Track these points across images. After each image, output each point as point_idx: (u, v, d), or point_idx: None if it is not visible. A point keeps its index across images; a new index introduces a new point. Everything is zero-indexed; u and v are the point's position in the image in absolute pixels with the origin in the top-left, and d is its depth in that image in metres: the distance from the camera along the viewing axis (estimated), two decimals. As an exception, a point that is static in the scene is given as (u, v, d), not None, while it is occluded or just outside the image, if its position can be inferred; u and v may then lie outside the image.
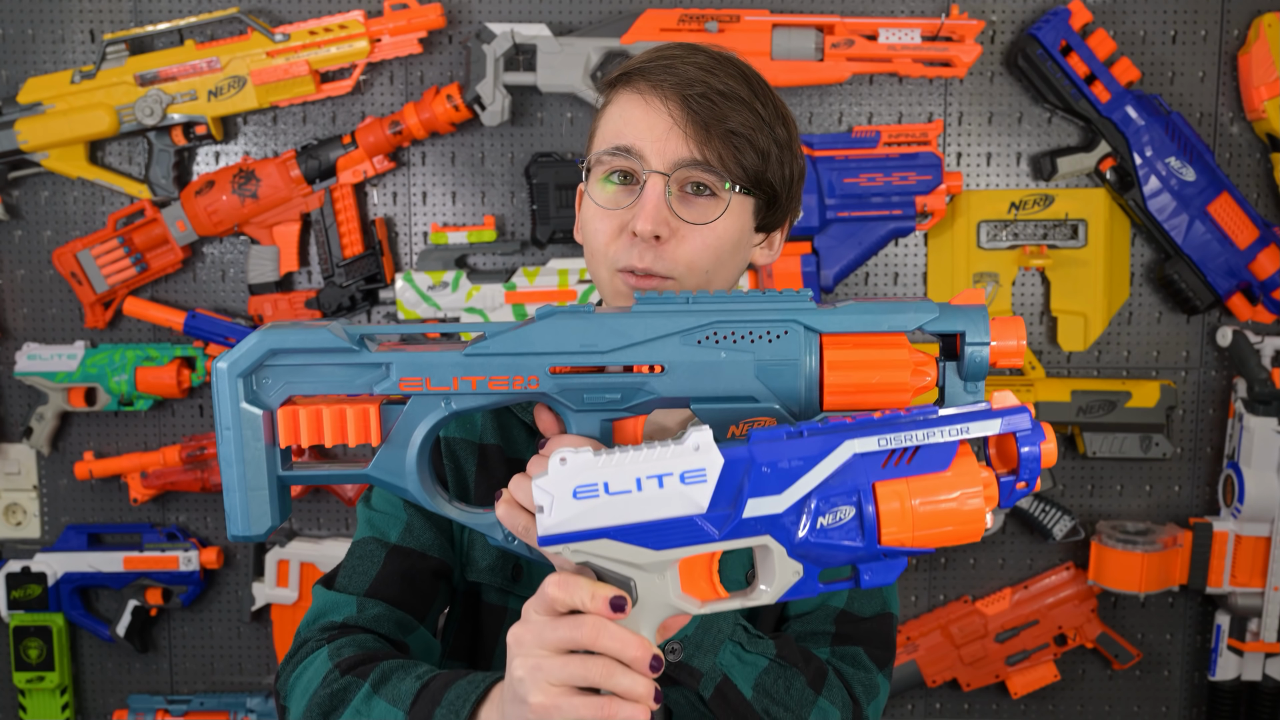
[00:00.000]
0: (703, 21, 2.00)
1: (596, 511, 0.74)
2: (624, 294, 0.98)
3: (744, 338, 0.81)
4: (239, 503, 0.84)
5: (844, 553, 0.75)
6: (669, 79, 0.97)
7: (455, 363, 0.83)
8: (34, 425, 2.13)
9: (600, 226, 0.98)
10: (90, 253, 2.07)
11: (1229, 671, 2.15)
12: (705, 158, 0.96)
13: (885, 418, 0.75)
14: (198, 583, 2.16)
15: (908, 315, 0.81)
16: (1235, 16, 2.09)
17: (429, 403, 0.84)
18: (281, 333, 0.83)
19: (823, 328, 0.81)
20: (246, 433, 0.83)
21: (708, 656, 0.92)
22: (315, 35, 2.00)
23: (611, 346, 0.82)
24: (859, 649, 1.05)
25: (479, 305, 2.07)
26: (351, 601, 1.03)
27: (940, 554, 2.21)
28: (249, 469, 0.84)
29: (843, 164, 2.03)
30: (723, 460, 0.74)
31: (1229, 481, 2.10)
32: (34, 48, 2.10)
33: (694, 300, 0.82)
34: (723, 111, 0.96)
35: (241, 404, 0.83)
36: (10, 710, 2.24)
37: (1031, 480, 0.76)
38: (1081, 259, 2.11)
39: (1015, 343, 0.81)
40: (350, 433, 0.84)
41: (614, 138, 0.98)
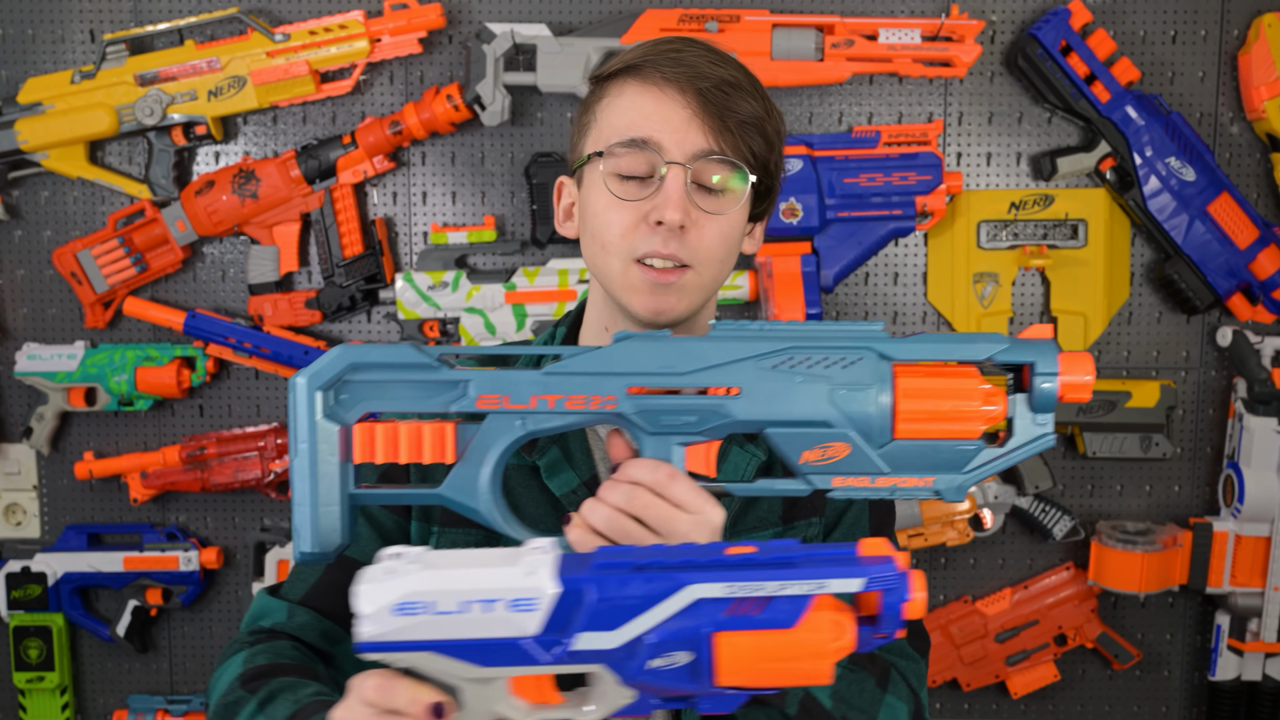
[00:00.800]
0: (703, 21, 2.00)
1: (420, 627, 0.70)
2: (638, 288, 0.99)
3: (819, 363, 0.83)
4: (309, 519, 0.83)
5: (678, 690, 0.72)
6: (681, 71, 0.98)
7: (534, 381, 0.83)
8: (34, 425, 2.13)
9: (615, 218, 0.99)
10: (90, 253, 2.07)
11: (1229, 671, 2.15)
12: (722, 148, 0.98)
13: (741, 559, 0.71)
14: (198, 583, 2.16)
15: (979, 346, 0.83)
16: (1235, 16, 2.09)
17: (505, 422, 0.84)
18: (361, 348, 0.84)
19: (896, 356, 0.83)
20: (323, 447, 0.82)
21: None
22: (315, 35, 2.00)
23: (689, 369, 0.83)
24: (901, 641, 1.08)
25: (479, 305, 2.07)
26: (283, 608, 1.04)
27: (940, 554, 2.22)
28: (322, 485, 0.83)
29: (843, 164, 2.03)
30: (555, 591, 0.70)
31: (1229, 481, 2.10)
32: (34, 48, 2.10)
33: (768, 328, 0.83)
34: (734, 101, 0.98)
35: (319, 419, 0.82)
36: (10, 710, 2.24)
37: (892, 633, 0.71)
38: (1081, 259, 2.11)
39: (1086, 377, 0.82)
40: (426, 450, 0.84)
41: (627, 130, 0.98)
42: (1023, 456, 0.85)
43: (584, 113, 1.05)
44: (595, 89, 1.05)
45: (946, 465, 0.84)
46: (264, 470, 2.12)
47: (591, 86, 1.06)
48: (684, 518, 0.83)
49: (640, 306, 1.00)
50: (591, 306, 1.11)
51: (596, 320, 1.09)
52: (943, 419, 0.82)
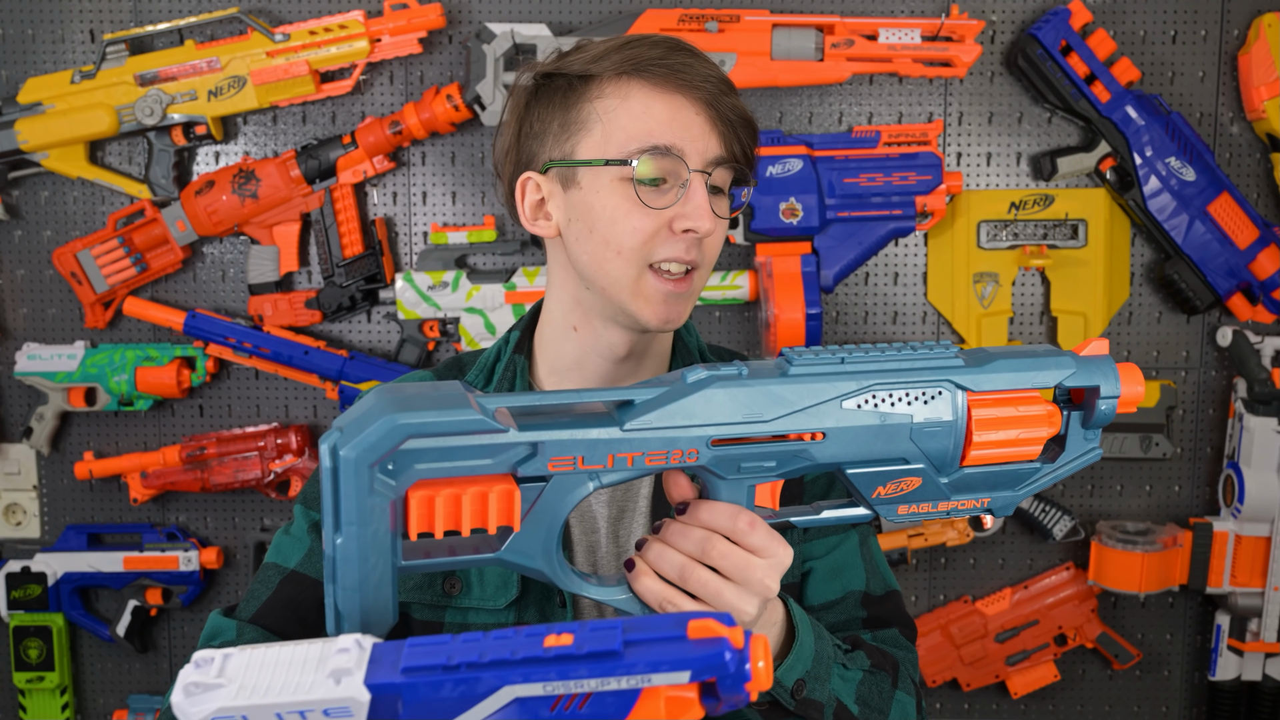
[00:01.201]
0: (703, 21, 2.00)
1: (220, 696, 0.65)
2: (652, 298, 0.99)
3: (901, 399, 0.81)
4: (358, 604, 0.73)
5: None
6: (690, 76, 0.98)
7: (612, 440, 0.77)
8: (34, 425, 2.13)
9: (640, 225, 0.98)
10: (90, 253, 2.07)
11: (1229, 671, 2.15)
12: (734, 155, 1.00)
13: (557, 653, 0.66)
14: (198, 583, 2.16)
15: (1050, 373, 0.83)
16: (1235, 16, 2.09)
17: (576, 479, 0.77)
18: (418, 416, 0.72)
19: (973, 386, 0.82)
20: (374, 527, 0.72)
21: (824, 686, 0.93)
22: (315, 35, 2.00)
23: (775, 415, 0.79)
24: (894, 631, 1.09)
25: (479, 305, 2.07)
26: (233, 627, 1.03)
27: (940, 554, 2.22)
28: (374, 566, 0.73)
29: (843, 164, 2.03)
30: (369, 697, 0.65)
31: (1229, 481, 2.10)
32: (34, 48, 2.10)
33: (849, 360, 0.81)
34: (733, 103, 1.00)
35: (371, 497, 0.72)
36: (10, 710, 2.24)
37: (735, 700, 0.68)
38: (1081, 259, 2.11)
39: (1139, 390, 0.84)
40: (491, 517, 0.76)
41: (648, 136, 0.97)
42: (1071, 471, 0.86)
43: (568, 109, 1.00)
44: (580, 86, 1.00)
45: (1004, 485, 0.85)
46: (264, 470, 2.12)
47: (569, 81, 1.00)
48: (759, 564, 0.81)
49: (652, 316, 1.00)
50: (556, 305, 1.08)
51: (563, 319, 1.07)
52: (1010, 445, 0.83)
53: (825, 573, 1.09)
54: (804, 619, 0.93)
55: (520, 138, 1.04)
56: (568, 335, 1.07)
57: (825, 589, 1.09)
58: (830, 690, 0.94)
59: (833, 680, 0.94)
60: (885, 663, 1.02)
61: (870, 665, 0.99)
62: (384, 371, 2.08)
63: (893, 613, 1.10)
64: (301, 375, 2.10)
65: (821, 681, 0.93)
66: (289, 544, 1.07)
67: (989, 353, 0.84)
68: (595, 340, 1.05)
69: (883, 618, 1.09)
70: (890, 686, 1.00)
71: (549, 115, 1.02)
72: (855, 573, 1.10)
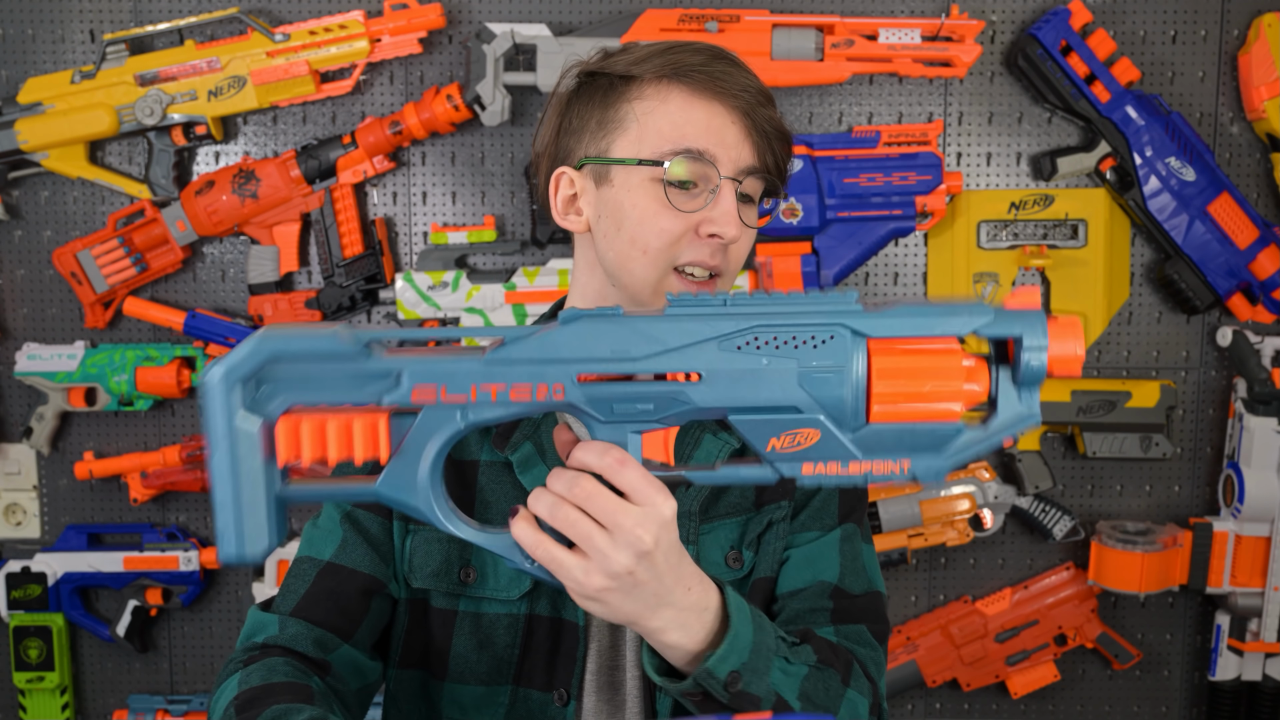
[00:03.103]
0: (703, 21, 2.00)
1: None
2: None
3: (787, 343, 0.76)
4: (231, 522, 0.77)
5: None
6: (729, 84, 0.99)
7: (473, 370, 0.77)
8: (34, 425, 2.13)
9: (667, 225, 0.99)
10: (90, 253, 2.07)
11: (1229, 671, 2.15)
12: (766, 165, 1.01)
13: None
14: (198, 583, 2.16)
15: (961, 319, 0.75)
16: (1235, 16, 2.09)
17: (444, 414, 0.77)
18: (283, 338, 0.76)
19: (871, 331, 0.76)
20: (243, 446, 0.76)
21: (763, 679, 0.90)
22: (315, 35, 2.00)
23: (645, 353, 0.76)
24: (862, 627, 1.06)
25: (479, 305, 2.07)
26: (275, 622, 1.04)
27: (940, 554, 2.21)
28: (244, 486, 0.76)
29: (843, 164, 2.03)
30: None
31: (1229, 481, 2.10)
32: (34, 48, 2.10)
33: (732, 302, 0.77)
34: (769, 113, 1.01)
35: (238, 414, 0.75)
36: (10, 710, 2.24)
37: None
38: (1081, 259, 2.11)
39: (1074, 349, 0.74)
40: (357, 447, 0.77)
41: (682, 140, 0.98)
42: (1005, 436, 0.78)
43: (606, 108, 1.02)
44: (621, 86, 1.02)
45: (924, 448, 0.77)
46: (264, 470, 2.11)
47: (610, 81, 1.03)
48: (631, 510, 0.78)
49: None
50: (580, 300, 1.09)
51: None
52: (921, 399, 0.75)
53: (799, 561, 1.08)
54: (741, 608, 0.90)
55: (559, 133, 1.07)
56: None
57: (795, 576, 1.08)
58: (770, 684, 0.90)
59: (773, 674, 0.91)
60: (836, 659, 0.98)
61: (817, 660, 0.96)
62: (384, 371, 2.07)
63: (865, 609, 1.07)
64: (301, 375, 2.10)
65: (759, 675, 0.89)
66: (320, 537, 1.08)
67: (900, 301, 0.78)
68: None
69: (852, 612, 1.06)
70: (840, 684, 0.97)
71: (588, 112, 1.04)
72: (828, 564, 1.08)
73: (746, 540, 1.07)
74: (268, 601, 1.07)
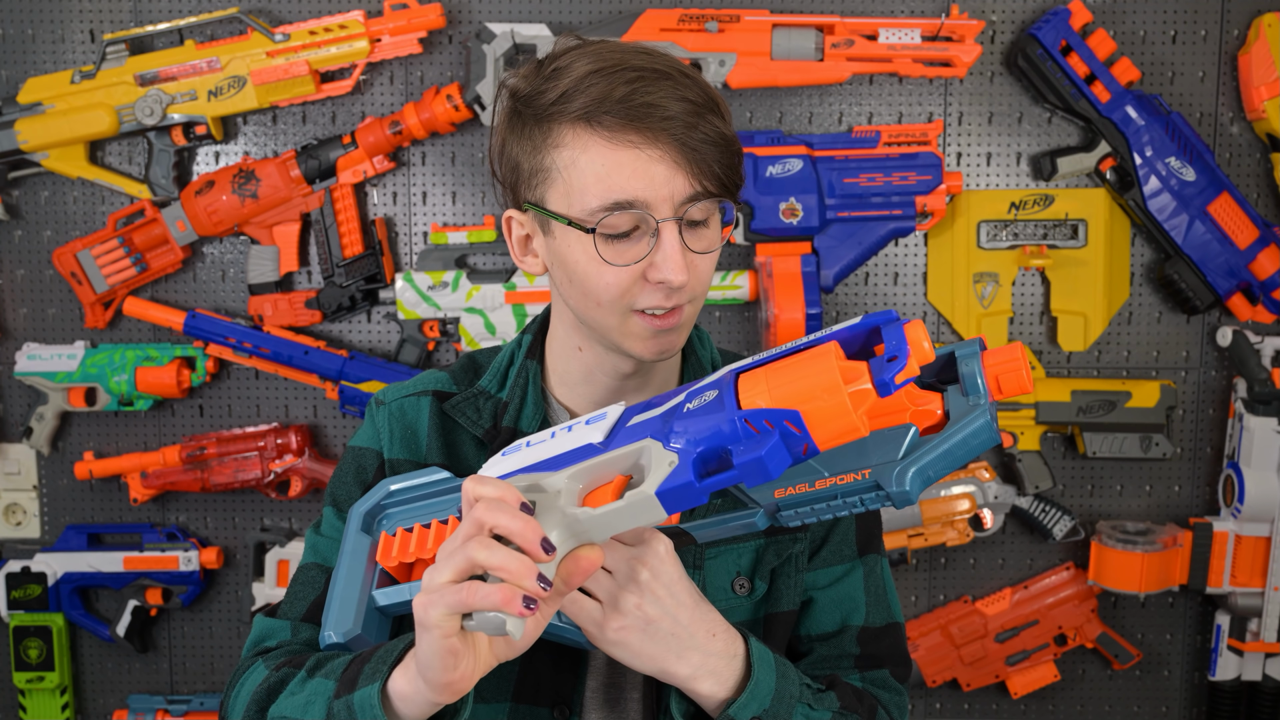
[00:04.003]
0: (703, 21, 2.00)
1: (516, 458, 0.85)
2: (641, 335, 0.98)
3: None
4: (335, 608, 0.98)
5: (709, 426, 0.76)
6: (652, 117, 0.92)
7: None
8: (34, 425, 2.13)
9: (612, 280, 0.95)
10: (90, 253, 2.07)
11: (1229, 671, 2.15)
12: (707, 188, 0.94)
13: None
14: (198, 583, 2.16)
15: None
16: (1235, 16, 2.09)
17: None
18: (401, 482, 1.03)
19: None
20: (357, 558, 1.01)
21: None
22: (315, 35, 2.00)
23: None
24: (885, 671, 1.08)
25: (479, 305, 2.07)
26: (286, 627, 1.04)
27: (940, 554, 2.21)
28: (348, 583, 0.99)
29: (843, 164, 2.03)
30: (624, 406, 0.85)
31: (1229, 481, 2.10)
32: (34, 48, 2.10)
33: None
34: (704, 129, 0.93)
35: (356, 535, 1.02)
36: (10, 710, 2.24)
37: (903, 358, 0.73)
38: (1081, 259, 2.11)
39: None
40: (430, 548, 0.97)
41: (608, 194, 0.92)
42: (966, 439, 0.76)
43: (533, 154, 0.96)
44: (540, 133, 0.95)
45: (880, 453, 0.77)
46: (264, 470, 2.12)
47: (536, 119, 0.96)
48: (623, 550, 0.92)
49: (644, 351, 0.99)
50: (560, 324, 1.07)
51: (566, 338, 1.06)
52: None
53: (826, 604, 1.09)
54: (764, 657, 0.93)
55: (504, 158, 1.01)
56: (573, 354, 1.06)
57: (824, 620, 1.09)
58: None
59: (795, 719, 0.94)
60: (860, 705, 1.00)
61: (840, 707, 0.98)
62: (384, 371, 2.08)
63: (888, 650, 1.09)
64: (301, 375, 2.10)
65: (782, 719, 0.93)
66: (325, 544, 1.08)
67: None
68: (600, 361, 1.05)
69: (877, 655, 1.08)
70: None
71: (519, 154, 0.98)
72: (857, 606, 1.09)
73: (760, 570, 1.07)
74: (273, 608, 1.07)
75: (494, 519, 0.77)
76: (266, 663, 0.98)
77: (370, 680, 0.86)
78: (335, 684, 0.89)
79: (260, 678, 0.96)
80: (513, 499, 0.78)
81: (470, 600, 0.75)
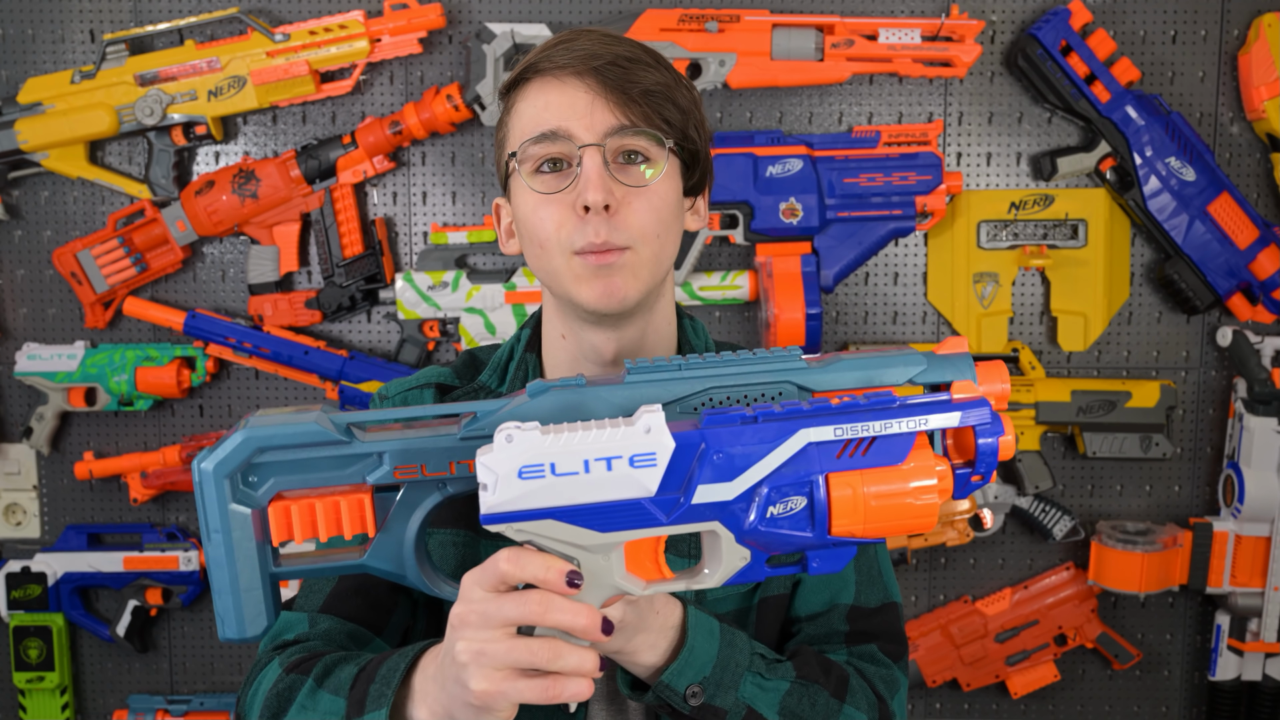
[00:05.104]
0: (703, 21, 2.00)
1: (542, 492, 0.73)
2: (583, 276, 0.98)
3: (738, 402, 0.80)
4: (232, 605, 0.82)
5: (793, 542, 0.75)
6: (574, 56, 0.97)
7: (450, 447, 0.81)
8: (34, 425, 2.13)
9: (546, 214, 0.97)
10: (90, 253, 2.07)
11: (1229, 671, 2.15)
12: (632, 120, 0.96)
13: (844, 405, 0.75)
14: (198, 583, 2.16)
15: (897, 369, 0.80)
16: (1235, 16, 2.09)
17: (424, 489, 0.83)
18: (267, 429, 0.81)
19: (815, 386, 0.80)
20: (237, 534, 0.81)
21: (729, 693, 0.92)
22: (315, 35, 2.00)
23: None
24: (873, 646, 1.07)
25: (479, 305, 2.07)
26: (304, 619, 1.04)
27: (940, 554, 2.21)
28: (241, 570, 0.81)
29: (843, 164, 2.03)
30: (674, 445, 0.73)
31: (1229, 481, 2.10)
32: (34, 48, 2.10)
33: (686, 366, 0.81)
34: (635, 74, 0.97)
35: (230, 505, 0.81)
36: (10, 710, 2.24)
37: (987, 474, 0.75)
38: (1081, 259, 2.11)
39: (1001, 387, 0.81)
40: (345, 525, 0.82)
41: (536, 125, 0.97)
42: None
43: (499, 128, 1.04)
44: (505, 103, 1.03)
45: None
46: (264, 470, 2.11)
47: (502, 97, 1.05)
48: None
49: (589, 296, 0.98)
50: (547, 315, 1.09)
51: (552, 329, 1.08)
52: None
53: (814, 584, 1.08)
54: (702, 625, 0.92)
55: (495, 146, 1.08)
56: (559, 343, 1.07)
57: (812, 600, 1.08)
58: (739, 698, 0.92)
59: (744, 688, 0.92)
60: (825, 676, 0.99)
61: (797, 676, 0.97)
62: (384, 371, 2.08)
63: (880, 627, 1.08)
64: (301, 375, 2.10)
65: (726, 689, 0.91)
66: None
67: (838, 356, 0.83)
68: (580, 345, 1.05)
69: (867, 632, 1.07)
70: (832, 698, 0.98)
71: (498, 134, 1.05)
72: (845, 585, 1.08)
73: None
74: (288, 602, 1.06)
75: (555, 619, 0.76)
76: (281, 661, 0.98)
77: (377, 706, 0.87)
78: (345, 704, 0.89)
79: (274, 678, 0.96)
80: (559, 578, 0.75)
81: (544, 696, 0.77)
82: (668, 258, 1.01)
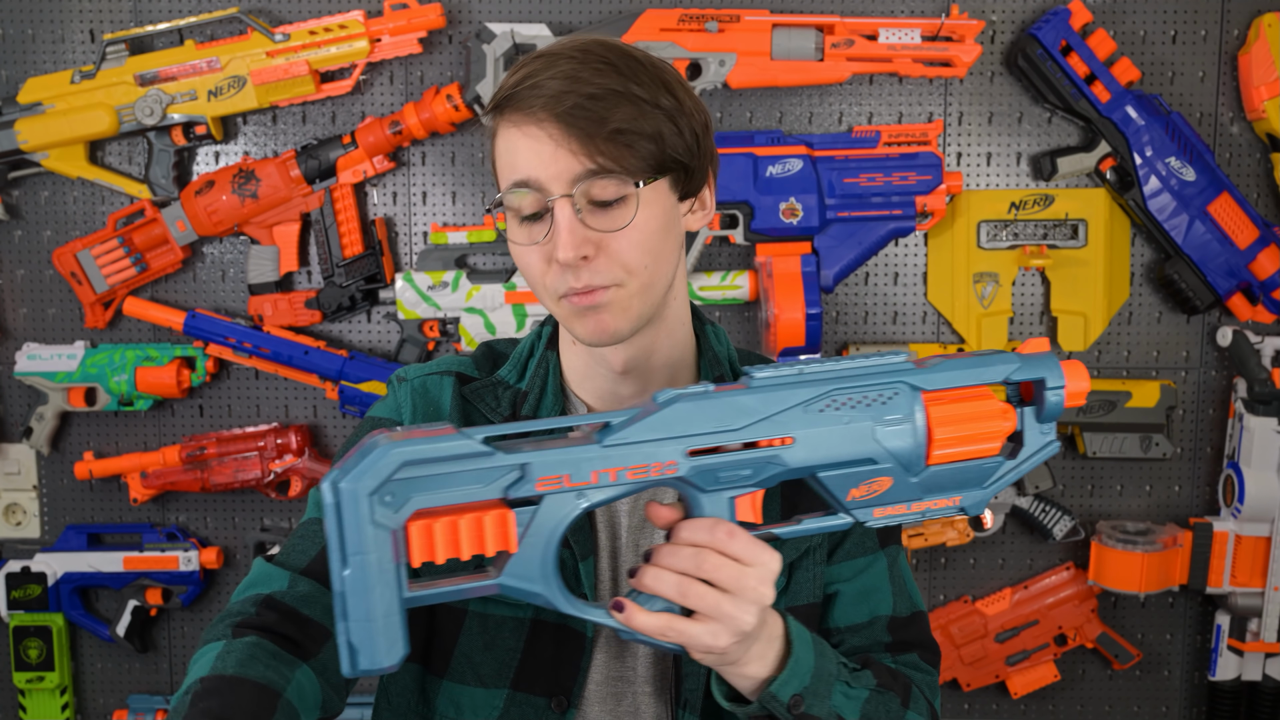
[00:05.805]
0: (703, 21, 2.00)
1: None
2: (572, 316, 0.98)
3: (860, 402, 0.86)
4: (368, 634, 0.76)
5: None
6: (536, 100, 0.94)
7: (594, 456, 0.81)
8: (34, 425, 2.13)
9: (530, 261, 0.98)
10: (90, 253, 2.07)
11: (1229, 671, 2.15)
12: (600, 165, 0.93)
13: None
14: (198, 583, 2.16)
15: (995, 369, 0.89)
16: (1235, 16, 2.09)
17: (564, 500, 0.81)
18: (412, 445, 0.76)
19: (926, 385, 0.87)
20: (376, 555, 0.75)
21: (824, 702, 0.95)
22: (315, 35, 2.00)
23: (743, 424, 0.84)
24: (914, 654, 1.10)
25: (479, 305, 2.07)
26: (285, 577, 1.00)
27: (940, 554, 2.21)
28: (380, 596, 0.76)
29: (843, 164, 2.03)
30: None
31: (1229, 481, 2.10)
32: (34, 48, 2.10)
33: (805, 371, 0.86)
34: (599, 114, 0.93)
35: (372, 527, 0.75)
36: (10, 710, 2.24)
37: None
38: (1081, 259, 2.11)
39: (1084, 385, 0.90)
40: (488, 542, 0.79)
41: (509, 173, 0.96)
42: (1033, 465, 0.90)
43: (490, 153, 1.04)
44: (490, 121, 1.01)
45: (972, 483, 0.89)
46: (264, 470, 2.12)
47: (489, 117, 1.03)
48: (750, 572, 0.84)
49: (581, 332, 0.99)
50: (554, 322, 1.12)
51: (566, 333, 1.09)
52: (971, 441, 0.87)
53: (853, 596, 1.10)
54: (802, 636, 0.94)
55: None
56: (573, 348, 1.08)
57: (853, 612, 1.10)
58: (831, 707, 0.95)
59: (834, 697, 0.95)
60: (895, 683, 1.03)
61: (877, 684, 1.01)
62: (384, 371, 2.08)
63: (916, 636, 1.11)
64: (301, 375, 2.10)
65: (821, 698, 0.94)
66: None
67: (937, 358, 0.89)
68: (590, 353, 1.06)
69: (907, 641, 1.10)
70: (900, 706, 1.02)
71: None
72: (883, 597, 1.11)
73: None
74: (271, 555, 1.04)
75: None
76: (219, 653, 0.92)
77: None
78: None
79: (196, 676, 0.91)
80: None
81: None
82: (662, 280, 1.00)
